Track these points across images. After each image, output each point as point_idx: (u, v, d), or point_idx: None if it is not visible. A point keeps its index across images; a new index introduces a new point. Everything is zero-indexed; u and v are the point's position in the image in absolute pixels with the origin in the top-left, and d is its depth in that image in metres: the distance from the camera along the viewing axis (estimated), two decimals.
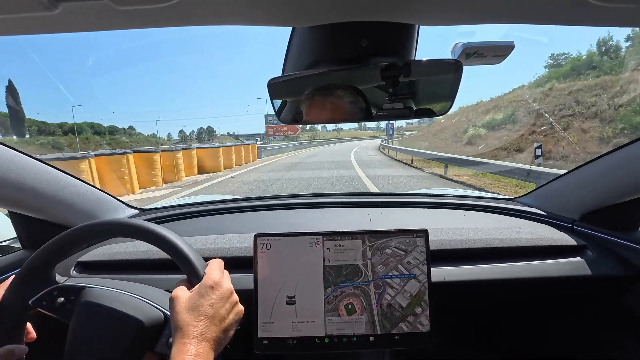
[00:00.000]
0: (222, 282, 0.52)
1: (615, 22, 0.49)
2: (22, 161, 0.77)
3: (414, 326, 0.66)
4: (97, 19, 0.44)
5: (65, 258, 0.60)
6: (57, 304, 0.57)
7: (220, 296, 0.51)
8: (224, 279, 0.53)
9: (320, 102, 0.69)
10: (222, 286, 0.52)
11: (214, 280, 0.51)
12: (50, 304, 0.57)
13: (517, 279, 0.82)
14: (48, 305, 0.57)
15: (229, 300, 0.52)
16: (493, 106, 17.37)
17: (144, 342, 0.54)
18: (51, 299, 0.57)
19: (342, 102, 0.69)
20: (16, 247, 0.92)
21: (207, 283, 0.51)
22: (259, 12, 0.45)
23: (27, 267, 0.56)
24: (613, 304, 0.91)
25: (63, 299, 0.57)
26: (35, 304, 0.56)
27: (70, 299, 0.57)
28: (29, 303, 0.56)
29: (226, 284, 0.53)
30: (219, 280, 0.52)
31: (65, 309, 0.57)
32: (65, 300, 0.57)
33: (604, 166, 0.88)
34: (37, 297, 0.56)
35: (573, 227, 0.98)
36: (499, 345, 1.15)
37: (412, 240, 0.69)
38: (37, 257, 0.56)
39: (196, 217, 1.15)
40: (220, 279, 0.53)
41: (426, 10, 0.46)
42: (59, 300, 0.57)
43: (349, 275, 0.68)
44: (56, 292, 0.57)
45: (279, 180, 8.29)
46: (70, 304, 0.57)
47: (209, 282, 0.51)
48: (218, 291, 0.51)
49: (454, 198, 1.27)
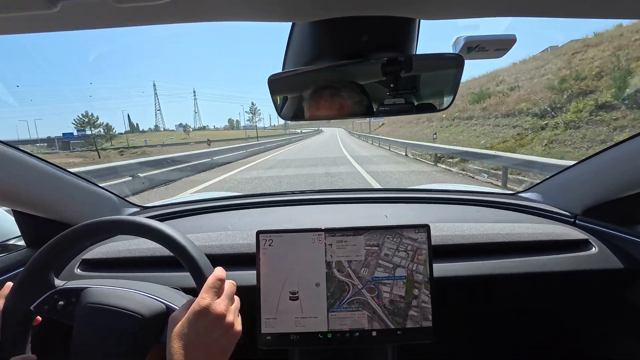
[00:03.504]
0: (213, 306, 0.49)
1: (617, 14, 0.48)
2: (24, 160, 0.77)
3: (415, 320, 0.67)
4: (96, 17, 0.44)
5: (68, 256, 0.60)
6: (59, 307, 0.57)
7: (209, 322, 0.48)
8: (215, 303, 0.50)
9: (322, 99, 0.68)
10: (211, 312, 0.48)
11: (202, 306, 0.48)
12: (52, 308, 0.57)
13: (520, 273, 0.82)
14: (50, 309, 0.57)
15: (220, 326, 0.49)
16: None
17: (149, 335, 0.55)
18: (52, 303, 0.57)
19: (344, 98, 0.68)
20: (20, 245, 0.93)
21: (196, 309, 0.48)
22: (258, 7, 0.45)
23: (26, 272, 0.56)
24: (615, 298, 0.91)
25: (64, 302, 0.57)
26: (37, 310, 0.56)
27: (72, 300, 0.57)
28: (31, 309, 0.56)
29: (218, 307, 0.49)
30: (208, 305, 0.49)
31: (67, 311, 0.57)
32: (66, 303, 0.57)
33: (606, 160, 0.88)
34: (38, 302, 0.56)
35: (575, 221, 0.98)
36: (501, 340, 1.15)
37: (414, 236, 0.69)
38: (35, 261, 0.56)
39: (198, 214, 1.16)
40: (211, 303, 0.49)
41: (427, 4, 0.46)
42: (60, 303, 0.57)
43: (336, 295, 0.68)
44: (57, 296, 0.57)
45: None
46: (72, 306, 0.57)
47: (197, 307, 0.48)
48: (207, 317, 0.48)
49: (456, 193, 1.27)
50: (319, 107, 0.69)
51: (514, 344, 1.15)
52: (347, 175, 7.42)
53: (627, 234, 0.86)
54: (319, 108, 0.69)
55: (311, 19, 0.51)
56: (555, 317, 1.09)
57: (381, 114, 0.71)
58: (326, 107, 0.68)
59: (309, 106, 0.70)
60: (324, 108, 0.68)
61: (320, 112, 0.69)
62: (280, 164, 11.16)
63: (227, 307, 0.51)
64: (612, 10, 0.47)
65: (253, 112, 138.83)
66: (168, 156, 9.98)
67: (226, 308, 0.51)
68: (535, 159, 5.66)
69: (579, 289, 0.92)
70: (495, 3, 0.46)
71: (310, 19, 0.51)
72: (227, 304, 0.52)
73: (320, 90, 0.68)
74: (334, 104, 0.68)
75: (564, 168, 1.06)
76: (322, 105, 0.69)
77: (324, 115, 0.70)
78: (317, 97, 0.69)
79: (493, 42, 0.65)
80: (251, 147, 17.46)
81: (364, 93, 0.70)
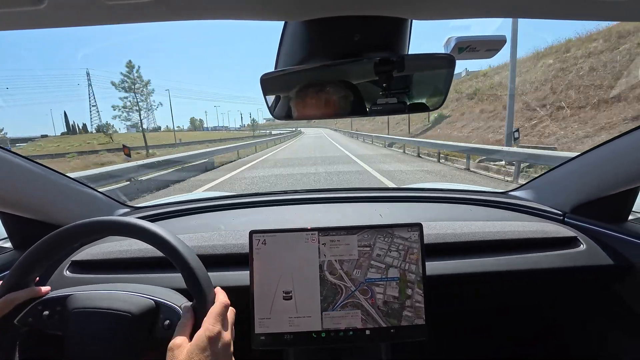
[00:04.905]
0: (222, 335, 0.49)
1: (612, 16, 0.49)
2: (11, 160, 0.76)
3: (409, 319, 0.67)
4: (85, 14, 0.43)
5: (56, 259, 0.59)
6: (44, 317, 0.55)
7: (218, 350, 0.47)
8: (224, 332, 0.50)
9: (314, 98, 0.68)
10: (220, 340, 0.48)
11: (214, 334, 0.48)
12: (36, 319, 0.55)
13: (510, 271, 0.83)
14: (35, 321, 0.55)
15: (226, 354, 0.49)
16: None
17: (140, 332, 0.54)
18: (37, 314, 0.55)
19: (337, 98, 0.68)
20: (7, 247, 0.90)
21: (207, 334, 0.47)
22: (251, 6, 0.45)
23: (6, 285, 0.54)
24: (604, 294, 0.93)
25: (49, 311, 0.56)
26: (21, 323, 0.55)
27: (56, 309, 0.56)
28: (15, 323, 0.54)
29: (226, 336, 0.50)
30: (218, 332, 0.48)
31: (53, 320, 0.55)
32: (51, 312, 0.56)
33: (594, 159, 0.90)
34: (21, 315, 0.55)
35: (564, 219, 1.00)
36: (493, 337, 1.17)
37: (407, 234, 0.70)
38: (16, 270, 0.54)
39: (190, 215, 1.14)
40: (220, 331, 0.49)
41: (419, 4, 0.46)
42: (45, 313, 0.55)
43: (329, 299, 0.68)
44: (40, 307, 0.56)
45: None
46: (57, 314, 0.56)
47: (208, 333, 0.47)
48: (215, 345, 0.47)
49: (448, 192, 1.28)
50: (311, 106, 0.68)
51: (505, 340, 1.17)
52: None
53: (614, 231, 0.88)
54: (311, 107, 0.68)
55: (303, 18, 0.51)
56: (545, 313, 1.11)
57: (374, 113, 0.71)
58: (318, 106, 0.68)
59: (302, 105, 0.70)
60: (315, 107, 0.68)
61: (312, 112, 0.69)
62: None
63: (232, 335, 0.52)
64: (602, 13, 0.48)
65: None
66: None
67: (231, 337, 0.51)
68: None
69: (568, 286, 0.94)
70: (486, 4, 0.46)
71: (303, 18, 0.51)
72: (232, 331, 0.52)
73: (312, 89, 0.68)
74: (328, 104, 0.68)
75: (552, 167, 1.08)
76: (314, 104, 0.68)
77: (316, 114, 0.69)
78: (309, 97, 0.68)
79: (483, 43, 0.66)
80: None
81: (356, 92, 0.70)
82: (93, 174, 6.41)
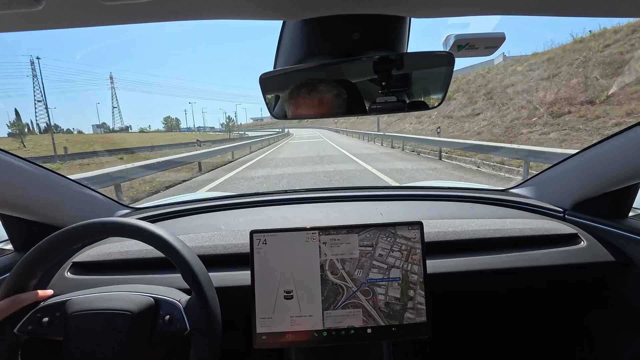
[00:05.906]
0: None
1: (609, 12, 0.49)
2: (11, 162, 0.76)
3: (410, 317, 0.67)
4: (82, 15, 0.43)
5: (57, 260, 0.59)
6: (44, 324, 0.55)
7: None
8: None
9: (302, 98, 0.67)
10: None
11: None
12: (36, 327, 0.55)
13: (510, 268, 0.83)
14: (35, 328, 0.55)
15: None
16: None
17: (141, 329, 0.54)
18: (36, 322, 0.56)
19: (326, 96, 0.67)
20: (8, 249, 0.90)
21: None
22: (249, 5, 0.45)
23: (8, 286, 0.54)
24: (604, 290, 0.93)
25: (48, 318, 0.56)
26: (21, 332, 0.55)
27: (56, 315, 0.56)
28: (15, 332, 0.54)
29: None
30: None
31: (53, 326, 0.55)
32: (50, 318, 0.56)
33: (593, 156, 0.90)
34: (21, 324, 0.55)
35: (565, 216, 1.00)
36: (494, 334, 1.17)
37: (409, 234, 0.70)
38: (17, 272, 0.54)
39: (190, 215, 1.14)
40: None
41: (417, 2, 0.46)
42: (44, 320, 0.56)
43: (330, 299, 0.68)
44: (39, 314, 0.56)
45: None
46: (57, 320, 0.56)
47: None
48: None
49: (449, 190, 1.28)
50: (304, 106, 0.68)
51: (506, 337, 1.17)
52: None
53: (615, 227, 0.88)
54: (305, 106, 0.68)
55: (302, 17, 0.50)
56: (546, 309, 1.11)
57: (373, 112, 0.71)
58: (312, 105, 0.67)
59: (295, 104, 0.69)
60: (309, 106, 0.67)
61: (306, 111, 0.68)
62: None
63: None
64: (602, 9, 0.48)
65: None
66: None
67: None
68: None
69: (568, 282, 0.94)
70: (484, 1, 0.46)
71: (301, 17, 0.51)
72: None
73: (305, 88, 0.67)
74: (321, 102, 0.68)
75: (552, 164, 1.08)
76: (308, 103, 0.68)
77: (310, 113, 0.69)
78: (301, 96, 0.68)
79: (482, 41, 0.66)
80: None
81: (355, 91, 0.69)
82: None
